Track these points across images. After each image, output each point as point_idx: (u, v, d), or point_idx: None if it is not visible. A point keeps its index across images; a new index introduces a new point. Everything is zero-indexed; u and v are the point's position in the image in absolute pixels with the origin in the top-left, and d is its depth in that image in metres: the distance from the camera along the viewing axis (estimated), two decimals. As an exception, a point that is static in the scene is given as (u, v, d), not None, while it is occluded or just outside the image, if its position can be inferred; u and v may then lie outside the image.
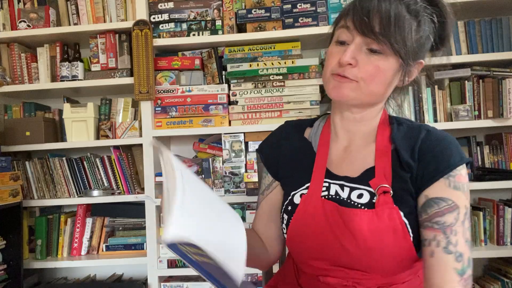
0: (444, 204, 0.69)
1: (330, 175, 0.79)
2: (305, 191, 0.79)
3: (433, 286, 0.68)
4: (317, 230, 0.75)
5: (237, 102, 1.79)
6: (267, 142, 0.95)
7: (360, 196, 0.74)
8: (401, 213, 0.70)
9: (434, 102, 1.78)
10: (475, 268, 1.93)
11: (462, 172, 0.71)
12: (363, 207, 0.72)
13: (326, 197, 0.77)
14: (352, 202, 0.74)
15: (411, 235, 0.71)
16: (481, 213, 1.76)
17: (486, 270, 1.90)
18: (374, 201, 0.72)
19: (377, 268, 0.72)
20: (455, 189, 0.70)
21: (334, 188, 0.77)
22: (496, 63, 1.80)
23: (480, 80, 1.78)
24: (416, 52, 0.74)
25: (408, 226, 0.71)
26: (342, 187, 0.77)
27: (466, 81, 1.78)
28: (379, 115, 0.82)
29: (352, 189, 0.75)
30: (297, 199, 0.80)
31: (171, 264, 1.78)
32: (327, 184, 0.78)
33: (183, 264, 1.78)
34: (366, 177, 0.76)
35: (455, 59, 1.76)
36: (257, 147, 1.76)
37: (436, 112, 1.78)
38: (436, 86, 1.79)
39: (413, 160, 0.73)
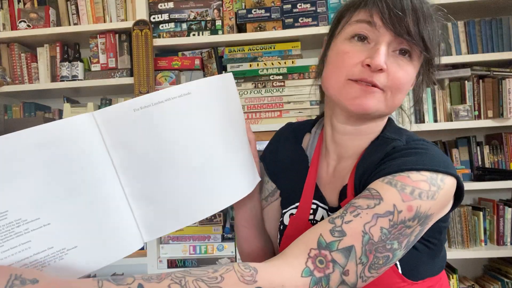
0: (366, 192, 0.57)
1: (319, 196, 0.71)
2: (294, 211, 0.73)
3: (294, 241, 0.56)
4: None
5: (237, 102, 1.79)
6: (268, 148, 0.86)
7: None
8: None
9: (434, 102, 1.78)
10: (475, 268, 1.93)
11: (411, 175, 0.56)
12: None
13: (312, 221, 0.70)
14: None
15: (398, 263, 0.62)
16: (481, 213, 1.75)
17: (486, 270, 1.90)
18: None
19: None
20: (387, 184, 0.56)
21: (321, 213, 0.70)
22: (496, 63, 1.80)
23: (480, 80, 1.78)
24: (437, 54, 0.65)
25: None
26: (328, 213, 0.69)
27: (466, 81, 1.78)
28: (378, 130, 0.69)
29: None
30: (286, 220, 0.74)
31: (171, 264, 1.78)
32: (314, 206, 0.71)
33: (183, 264, 1.78)
34: (341, 200, 0.67)
35: (455, 59, 1.76)
36: (257, 147, 1.77)
37: (436, 112, 1.78)
38: (436, 86, 1.79)
39: (366, 177, 0.63)
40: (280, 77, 1.78)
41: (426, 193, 0.56)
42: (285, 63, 1.79)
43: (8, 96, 2.04)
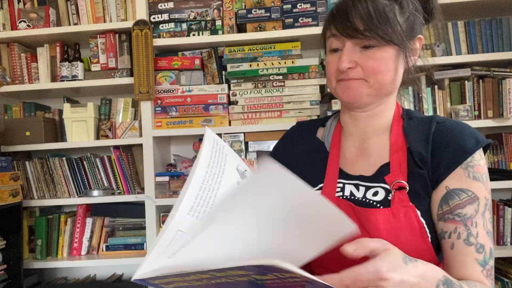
0: (464, 196, 0.68)
1: (344, 175, 0.78)
2: (318, 191, 0.78)
3: (455, 271, 0.67)
4: None
5: (237, 102, 1.79)
6: (279, 144, 0.94)
7: (375, 194, 0.72)
8: (418, 212, 0.68)
9: (434, 102, 1.78)
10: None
11: (480, 162, 0.70)
12: (378, 205, 0.71)
13: (342, 196, 0.75)
14: (367, 201, 0.72)
15: (429, 235, 0.69)
16: (481, 213, 1.75)
17: (486, 270, 1.90)
18: (389, 198, 0.70)
19: None
20: (474, 180, 0.69)
21: (349, 189, 0.76)
22: (496, 63, 1.80)
23: (480, 80, 1.78)
24: (409, 32, 0.74)
25: (426, 227, 0.69)
26: (357, 186, 0.75)
27: (466, 81, 1.78)
28: (393, 108, 0.80)
29: (367, 188, 0.74)
30: None
31: (171, 264, 1.78)
32: (341, 185, 0.77)
33: (183, 264, 1.78)
34: (381, 174, 0.74)
35: (455, 59, 1.76)
36: (257, 147, 1.78)
37: (436, 112, 1.78)
38: (436, 86, 1.79)
39: (427, 153, 0.72)
40: (280, 77, 1.78)
41: (487, 172, 0.72)
42: (285, 63, 1.79)
43: (8, 96, 2.05)
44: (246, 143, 1.79)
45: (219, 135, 1.81)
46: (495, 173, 1.73)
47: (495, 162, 1.81)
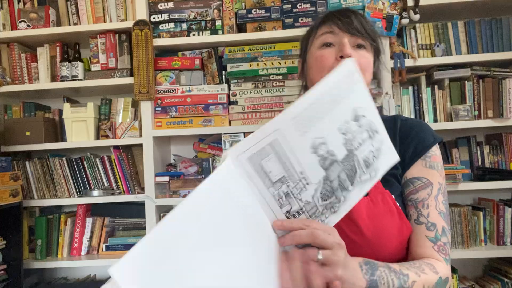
0: (418, 183, 0.79)
1: None
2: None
3: (411, 251, 0.78)
4: None
5: (237, 102, 1.79)
6: None
7: None
8: (393, 196, 0.77)
9: (434, 102, 1.78)
10: (475, 268, 1.93)
11: (436, 152, 0.82)
12: None
13: None
14: None
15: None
16: (481, 213, 1.75)
17: (486, 270, 1.90)
18: None
19: (384, 258, 0.73)
20: (430, 168, 0.80)
21: None
22: (496, 63, 1.80)
23: (480, 80, 1.78)
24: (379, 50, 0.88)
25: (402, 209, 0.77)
26: None
27: (466, 81, 1.78)
28: None
29: None
30: None
31: (171, 264, 1.78)
32: None
33: (183, 264, 1.77)
34: None
35: (455, 59, 1.76)
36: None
37: (436, 112, 1.78)
38: (436, 86, 1.79)
39: (395, 147, 0.80)
40: (280, 77, 1.78)
41: (441, 161, 0.82)
42: (285, 63, 1.79)
43: (8, 96, 2.05)
44: (246, 143, 1.79)
45: (219, 135, 1.81)
46: (495, 173, 1.73)
47: (495, 162, 1.81)
